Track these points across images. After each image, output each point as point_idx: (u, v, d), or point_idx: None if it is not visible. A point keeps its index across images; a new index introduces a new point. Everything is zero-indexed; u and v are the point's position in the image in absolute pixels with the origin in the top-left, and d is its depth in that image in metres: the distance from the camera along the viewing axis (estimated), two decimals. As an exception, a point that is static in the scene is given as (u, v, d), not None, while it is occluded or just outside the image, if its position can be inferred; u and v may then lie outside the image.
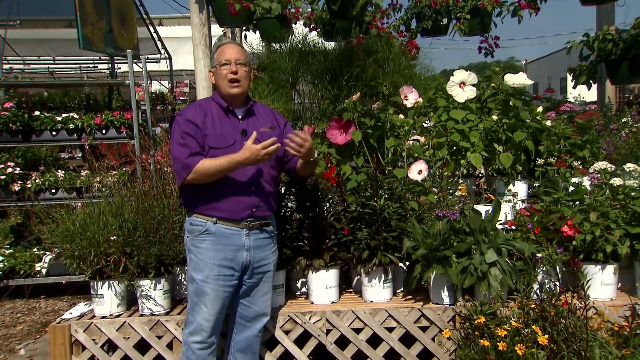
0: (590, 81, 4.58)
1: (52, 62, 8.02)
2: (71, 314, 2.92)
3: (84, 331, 2.76)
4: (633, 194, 2.88)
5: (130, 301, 2.96)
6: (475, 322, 2.38)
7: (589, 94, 5.29)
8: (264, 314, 2.52)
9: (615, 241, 2.74)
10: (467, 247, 2.69)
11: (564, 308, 2.35)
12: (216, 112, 2.37)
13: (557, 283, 2.68)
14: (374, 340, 2.76)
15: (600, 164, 3.23)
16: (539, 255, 2.73)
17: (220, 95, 2.40)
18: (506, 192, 3.22)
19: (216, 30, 5.48)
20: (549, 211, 2.89)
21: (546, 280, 2.74)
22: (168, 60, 7.25)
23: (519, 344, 2.14)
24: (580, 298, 2.28)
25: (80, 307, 3.04)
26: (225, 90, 2.37)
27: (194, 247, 2.36)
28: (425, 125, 3.39)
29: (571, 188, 3.13)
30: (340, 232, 2.86)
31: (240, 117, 2.40)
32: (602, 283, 2.79)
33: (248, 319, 2.50)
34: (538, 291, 2.59)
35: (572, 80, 4.68)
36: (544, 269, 2.75)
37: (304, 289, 3.04)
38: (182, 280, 3.01)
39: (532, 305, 2.42)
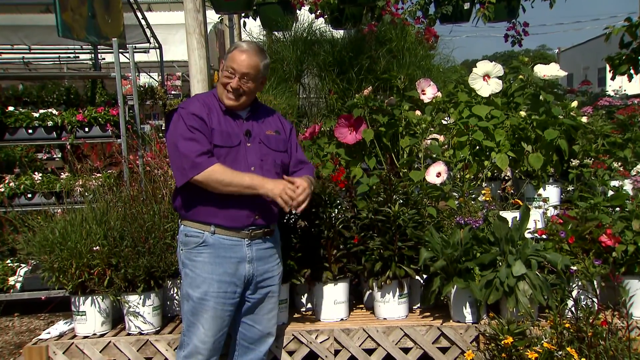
0: (632, 71, 4.58)
1: (28, 51, 8.09)
2: (49, 333, 2.96)
3: (63, 353, 2.79)
4: (681, 199, 2.89)
5: (116, 319, 3.00)
6: (502, 342, 2.40)
7: (631, 86, 5.30)
8: (269, 334, 2.54)
9: (661, 252, 2.75)
10: (491, 259, 2.70)
11: (603, 328, 2.36)
12: (219, 110, 2.41)
13: (595, 299, 2.69)
14: (388, 363, 2.78)
15: (644, 166, 3.24)
16: (574, 268, 2.74)
17: (219, 100, 2.44)
18: (536, 197, 3.23)
19: (212, 16, 5.53)
20: (585, 218, 2.90)
21: (582, 297, 2.75)
22: (158, 50, 7.31)
23: (551, 367, 2.16)
24: (622, 317, 2.29)
25: (60, 326, 3.08)
26: (220, 96, 2.41)
27: (189, 261, 2.38)
28: (444, 122, 3.41)
29: (610, 192, 3.13)
30: (350, 242, 2.88)
31: (244, 117, 2.44)
32: (646, 300, 2.79)
33: (252, 341, 2.52)
34: (573, 309, 2.61)
35: (610, 71, 4.69)
36: (580, 283, 2.76)
37: (309, 305, 3.07)
38: (174, 295, 3.05)
39: (567, 325, 2.43)
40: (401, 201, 2.89)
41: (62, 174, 4.53)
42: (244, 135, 2.39)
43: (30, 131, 4.57)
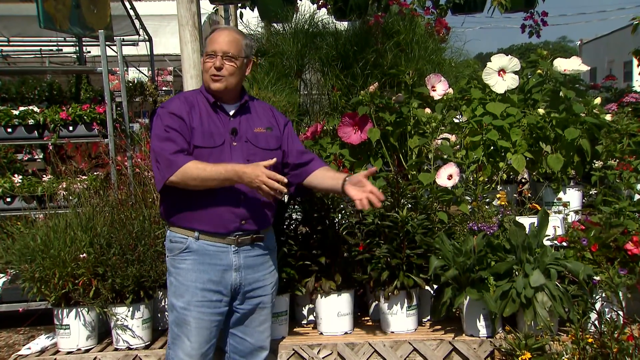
0: (661, 66, 4.59)
1: (6, 43, 8.12)
2: (30, 348, 2.98)
3: (46, 368, 2.82)
4: None
5: (103, 332, 3.02)
6: (519, 358, 2.41)
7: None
8: (261, 347, 2.56)
9: (692, 261, 2.76)
10: (507, 268, 2.72)
11: (629, 343, 2.37)
12: (204, 107, 2.43)
13: (620, 312, 2.69)
14: (396, 381, 2.78)
15: (674, 167, 3.24)
16: (597, 278, 2.75)
17: (206, 88, 2.47)
18: (555, 201, 3.24)
19: (206, 7, 5.55)
20: (609, 224, 2.91)
21: (606, 309, 2.76)
22: (148, 43, 7.33)
23: (571, 385, 2.17)
24: (649, 331, 2.30)
25: (41, 341, 3.10)
26: (206, 83, 2.45)
27: (173, 269, 2.42)
28: (456, 120, 3.43)
29: (637, 197, 3.14)
30: (354, 249, 2.90)
31: (231, 114, 2.46)
32: (675, 313, 2.80)
33: (242, 354, 2.54)
34: (596, 322, 2.61)
35: (638, 65, 4.70)
36: (604, 295, 2.77)
37: (311, 317, 3.09)
38: (165, 306, 3.06)
39: (590, 340, 2.44)
40: (409, 206, 2.91)
41: (44, 176, 4.55)
42: (230, 134, 2.41)
43: (9, 130, 4.59)
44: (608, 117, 3.40)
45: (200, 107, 2.42)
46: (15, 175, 4.63)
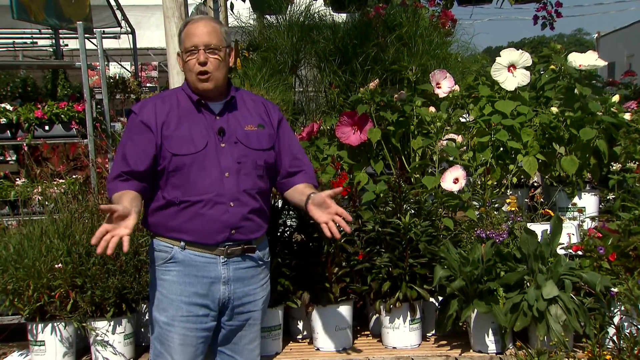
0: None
1: (-24, 36, 8.14)
2: (2, 366, 2.98)
3: (19, 388, 2.82)
4: None
5: (81, 349, 3.02)
6: (531, 376, 2.41)
7: (682, 78, 5.31)
8: (251, 365, 2.56)
9: None
10: (518, 278, 2.73)
11: (649, 360, 2.38)
12: (185, 107, 2.40)
13: (640, 327, 2.70)
14: (398, 401, 2.79)
15: (696, 170, 3.26)
16: (615, 289, 2.76)
17: (190, 86, 2.44)
18: (570, 206, 3.25)
19: (193, -4, 5.57)
20: (629, 232, 2.92)
21: (625, 323, 2.76)
22: (130, 36, 7.36)
23: (587, 405, 2.18)
24: (670, 346, 2.31)
25: (14, 358, 3.10)
26: (193, 84, 2.41)
27: (157, 280, 2.40)
28: (462, 120, 3.44)
29: (658, 202, 3.15)
30: (353, 258, 2.91)
31: (217, 113, 2.42)
32: (699, 327, 2.81)
33: (232, 373, 2.53)
34: (615, 337, 2.62)
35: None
36: (622, 308, 2.78)
37: (307, 332, 3.09)
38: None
39: (607, 356, 2.45)
40: (413, 211, 2.92)
41: (18, 179, 4.55)
42: (217, 134, 2.37)
43: (-21, 130, 4.59)
44: (627, 116, 3.41)
45: (181, 107, 2.39)
46: (-14, 179, 4.63)
